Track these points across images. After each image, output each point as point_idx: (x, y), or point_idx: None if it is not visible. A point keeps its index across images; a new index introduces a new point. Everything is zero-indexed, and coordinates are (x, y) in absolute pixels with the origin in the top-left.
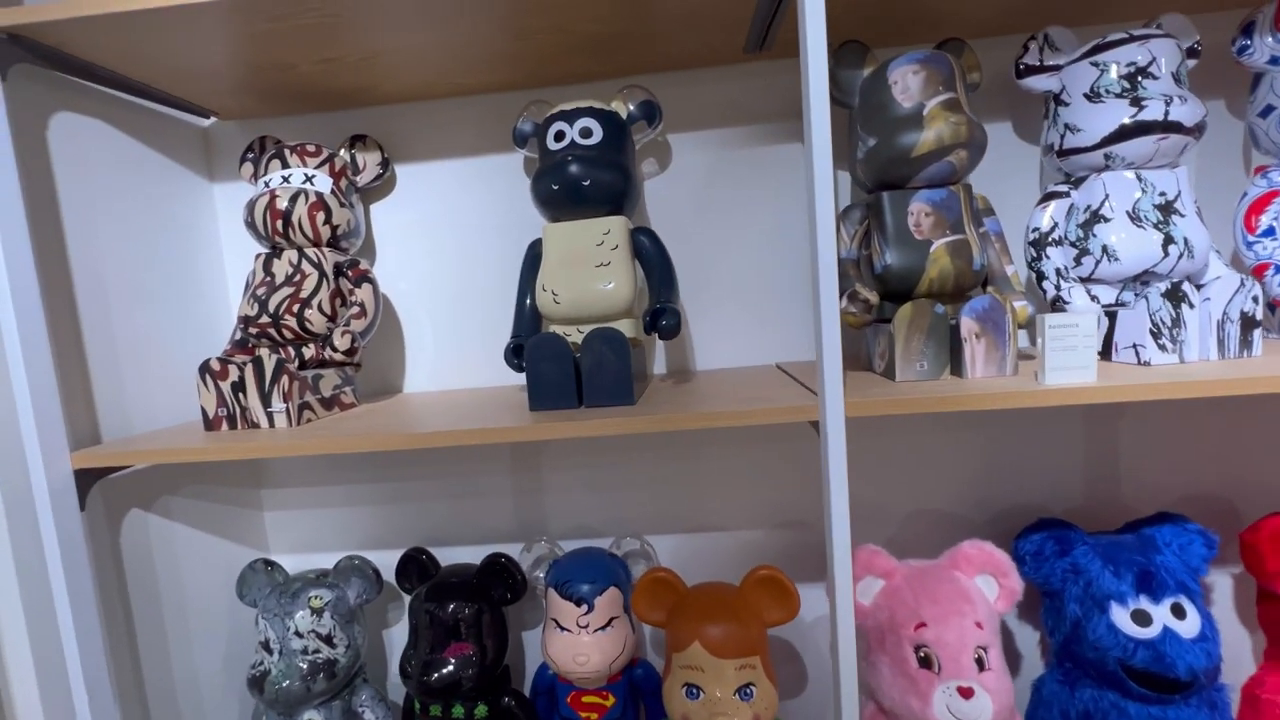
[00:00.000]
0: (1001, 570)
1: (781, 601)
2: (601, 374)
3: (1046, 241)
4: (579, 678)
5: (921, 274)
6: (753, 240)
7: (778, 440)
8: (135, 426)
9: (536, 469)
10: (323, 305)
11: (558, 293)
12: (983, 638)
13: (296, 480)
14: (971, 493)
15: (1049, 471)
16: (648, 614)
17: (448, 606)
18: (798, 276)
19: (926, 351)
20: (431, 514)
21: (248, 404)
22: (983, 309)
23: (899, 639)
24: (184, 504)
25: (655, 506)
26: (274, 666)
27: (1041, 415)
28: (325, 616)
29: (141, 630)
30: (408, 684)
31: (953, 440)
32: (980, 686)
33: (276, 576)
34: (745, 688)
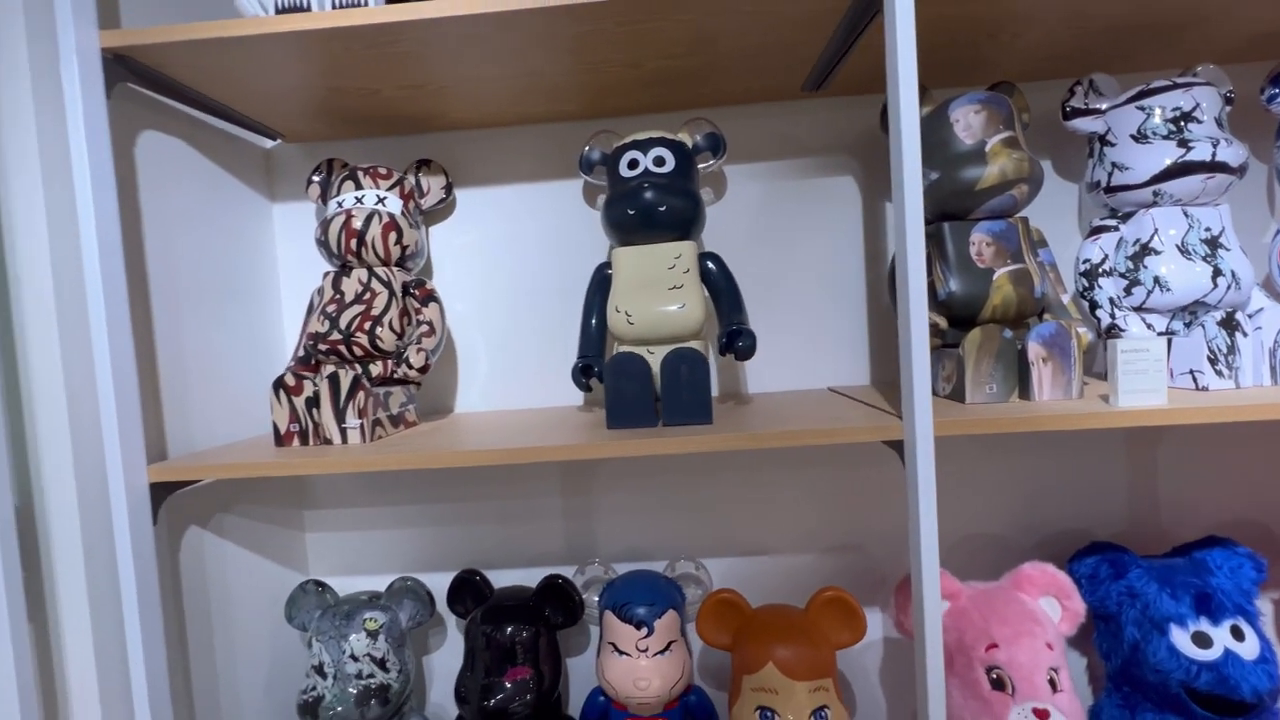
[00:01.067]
0: (1065, 592)
1: (849, 623)
2: (681, 393)
3: (1098, 272)
4: (638, 703)
5: (985, 301)
6: (804, 268)
7: (830, 464)
8: (197, 443)
9: (586, 491)
10: (393, 323)
11: (631, 314)
12: (1054, 659)
13: (339, 501)
14: (1017, 517)
15: (1092, 496)
16: (713, 636)
17: (505, 629)
18: (847, 303)
19: (995, 375)
20: (477, 537)
21: (321, 420)
22: (1050, 334)
23: (970, 660)
24: (235, 522)
25: (706, 529)
26: (327, 692)
27: (1084, 440)
28: (380, 639)
29: (193, 648)
30: (464, 709)
31: (998, 465)
32: (1055, 708)
33: (328, 598)
34: (819, 710)
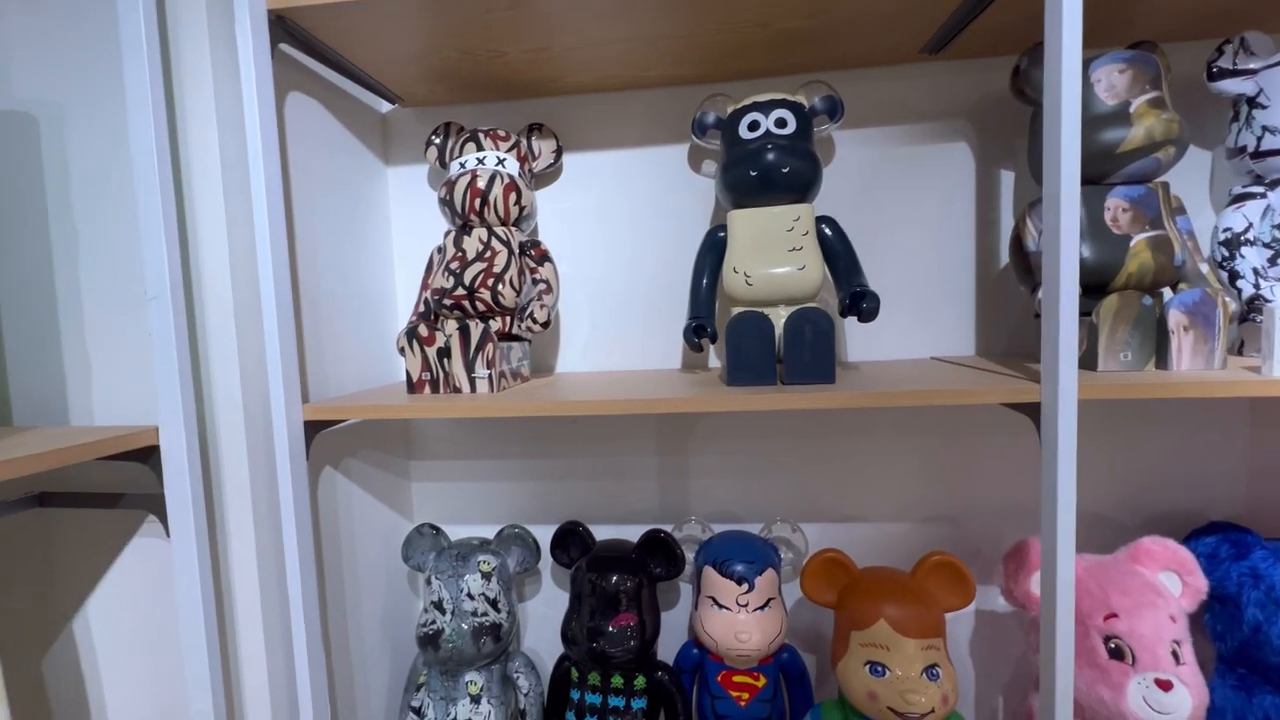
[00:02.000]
0: (1187, 568)
1: (957, 588)
2: (805, 353)
3: (1240, 241)
4: (737, 655)
5: (1119, 268)
6: (912, 235)
7: (927, 434)
8: (330, 391)
9: (682, 452)
10: (513, 280)
11: (750, 275)
12: (1177, 631)
13: (443, 453)
14: (1122, 496)
15: (1206, 478)
16: (818, 593)
17: (611, 578)
18: (954, 273)
19: (1131, 343)
20: (572, 492)
21: (451, 369)
22: (1193, 302)
23: (1086, 629)
24: (359, 467)
25: (798, 494)
26: (446, 626)
27: (1201, 418)
28: (493, 581)
29: (328, 579)
30: (571, 649)
31: (1104, 442)
32: (1178, 680)
33: (441, 541)
34: (931, 668)
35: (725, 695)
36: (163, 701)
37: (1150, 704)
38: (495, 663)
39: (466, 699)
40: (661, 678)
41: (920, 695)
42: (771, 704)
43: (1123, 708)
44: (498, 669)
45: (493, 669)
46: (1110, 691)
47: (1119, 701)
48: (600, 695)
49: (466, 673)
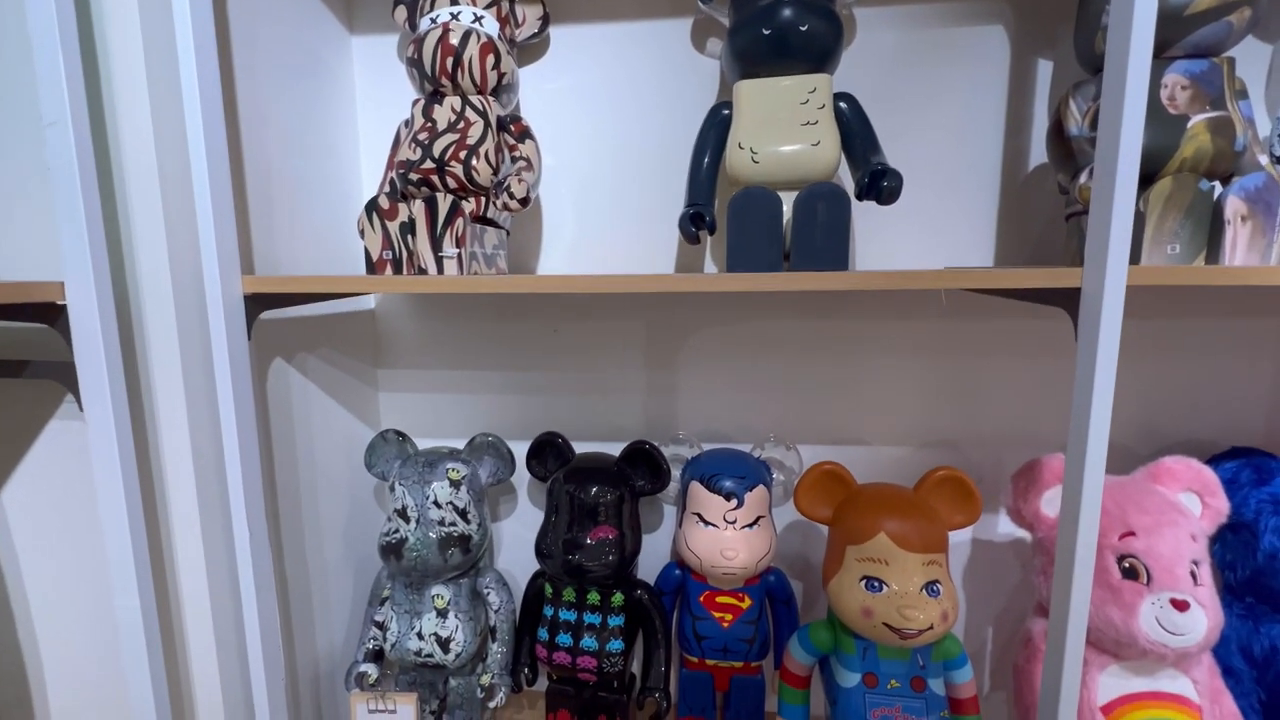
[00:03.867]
0: (1210, 489)
1: (962, 504)
2: (816, 235)
3: None
4: (722, 573)
5: (1173, 153)
6: (934, 133)
7: (930, 353)
8: (282, 270)
9: (671, 367)
10: (489, 155)
11: (757, 151)
12: (1197, 552)
13: (414, 362)
14: (1135, 424)
15: (1225, 406)
16: (814, 508)
17: (590, 489)
18: (979, 175)
19: (1181, 233)
20: (554, 407)
21: (416, 247)
22: (1256, 188)
23: (1099, 549)
24: (319, 367)
25: (793, 415)
26: (411, 534)
27: (1226, 342)
28: (462, 490)
29: (280, 477)
30: (546, 563)
31: (1120, 367)
32: (1195, 600)
33: (408, 448)
34: (932, 584)
35: (708, 616)
36: (91, 603)
37: (1164, 624)
38: (464, 577)
39: (432, 613)
40: (640, 596)
41: (919, 611)
42: (756, 626)
43: (1133, 629)
44: (466, 583)
45: (461, 583)
46: (1121, 612)
47: (1130, 622)
48: (575, 611)
49: (433, 586)
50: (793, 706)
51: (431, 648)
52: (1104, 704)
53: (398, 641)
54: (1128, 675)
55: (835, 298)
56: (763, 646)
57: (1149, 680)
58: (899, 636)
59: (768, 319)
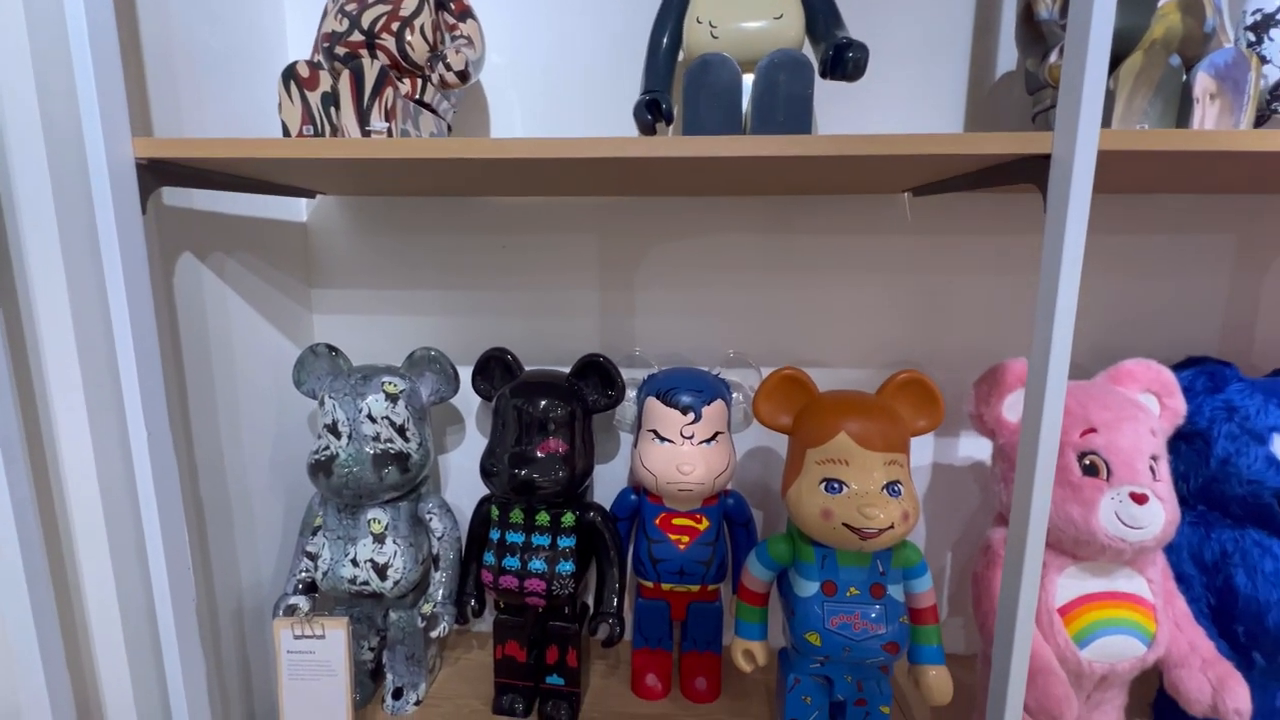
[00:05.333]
0: (1168, 389)
1: (925, 408)
2: (778, 107)
3: (1272, 23)
4: (679, 490)
5: (1143, 34)
6: (904, 33)
7: (892, 270)
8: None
9: (628, 285)
10: (425, 31)
11: (716, 25)
12: (1155, 447)
13: (351, 280)
14: (1087, 340)
15: (1184, 322)
16: (774, 415)
17: (539, 403)
18: (948, 85)
19: (1151, 111)
20: (504, 329)
21: (340, 121)
22: (1225, 64)
23: (1060, 448)
24: (236, 271)
25: (754, 336)
26: (342, 450)
27: (1180, 261)
28: (400, 405)
29: (194, 395)
30: (492, 482)
31: (1080, 283)
32: (1154, 494)
33: (341, 364)
34: (893, 484)
35: (664, 539)
36: None
37: (1122, 518)
38: (403, 500)
39: (368, 538)
40: (593, 516)
41: (879, 510)
42: (713, 548)
43: (1093, 525)
44: (407, 507)
45: (400, 507)
46: (1081, 509)
47: (1089, 519)
48: (523, 533)
49: (368, 510)
50: (750, 625)
51: (367, 575)
52: (1061, 605)
53: (330, 569)
54: (1085, 576)
55: (797, 208)
56: (720, 569)
57: (1106, 581)
58: (859, 537)
59: (728, 232)
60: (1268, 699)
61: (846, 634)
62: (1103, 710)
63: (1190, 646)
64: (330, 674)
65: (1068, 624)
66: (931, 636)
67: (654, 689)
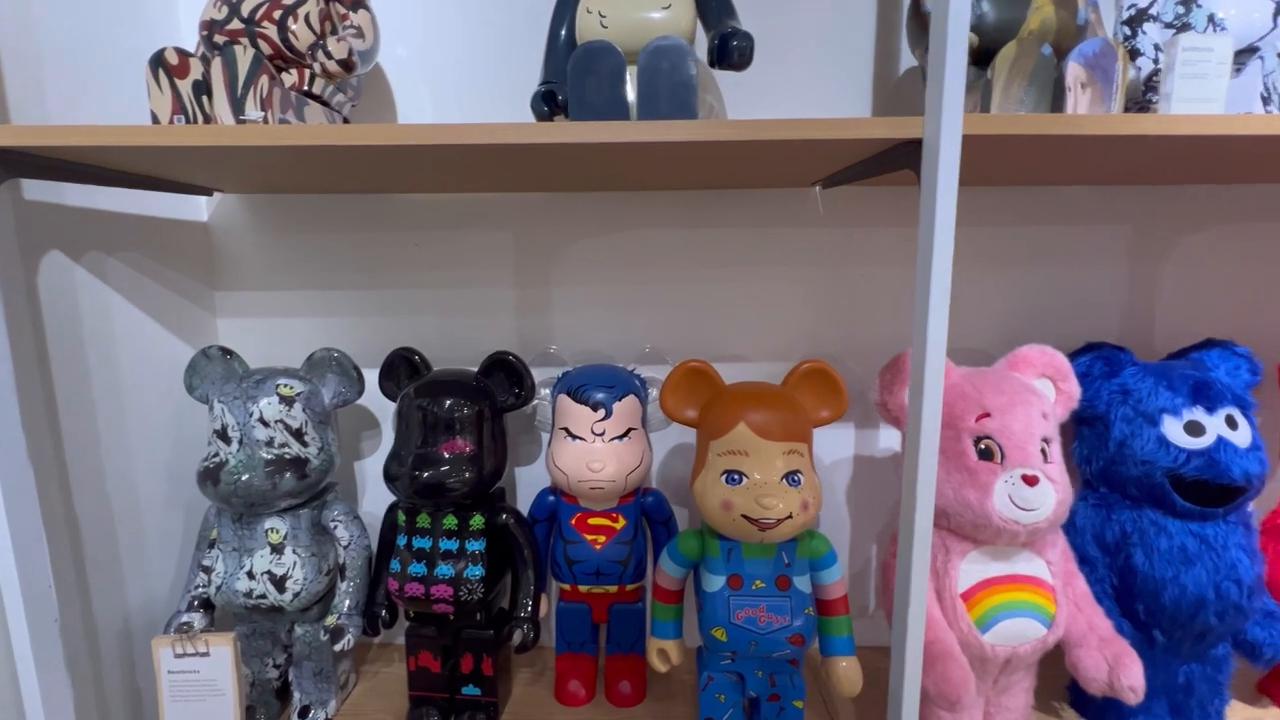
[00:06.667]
0: (1062, 373)
1: (828, 397)
2: (661, 97)
3: (1144, 17)
4: (591, 488)
5: (1020, 25)
6: (808, 30)
7: (807, 263)
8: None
9: (545, 282)
10: (310, 19)
11: (605, 15)
12: (1047, 429)
13: (258, 282)
14: (999, 331)
15: (1083, 312)
16: (679, 408)
17: (444, 403)
18: (852, 79)
19: (1026, 100)
20: (419, 328)
21: (213, 111)
22: (1094, 53)
23: (957, 433)
24: (122, 272)
25: (672, 331)
26: (231, 457)
27: (1080, 252)
28: (296, 408)
29: (63, 396)
30: (395, 486)
31: (980, 278)
32: (1044, 476)
33: (236, 366)
34: (793, 474)
35: (579, 539)
36: None
37: (1015, 500)
38: (304, 508)
39: (265, 549)
40: (504, 519)
41: (777, 499)
42: (630, 547)
43: (988, 508)
44: (308, 515)
45: (300, 515)
46: (977, 493)
47: (985, 502)
48: (430, 539)
49: (265, 519)
50: (664, 623)
51: (264, 587)
52: (964, 591)
53: (224, 583)
54: (986, 561)
55: (713, 203)
56: (638, 568)
57: (1006, 564)
58: (758, 528)
59: (645, 228)
60: (1171, 675)
61: (752, 628)
62: (1011, 693)
63: (1088, 626)
64: (217, 694)
65: (970, 609)
66: (842, 628)
67: (577, 695)
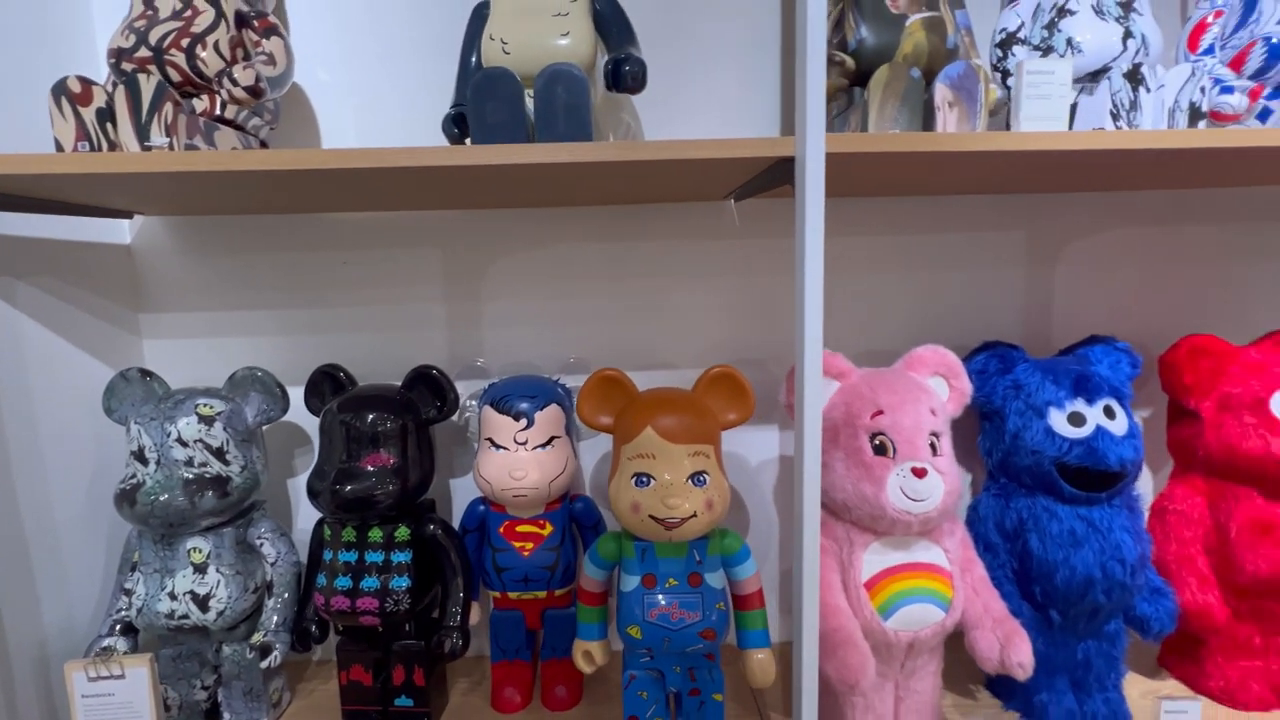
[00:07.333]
0: (953, 371)
1: (737, 400)
2: (559, 119)
3: (1014, 40)
4: (515, 497)
5: (895, 49)
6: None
7: (733, 274)
8: None
9: (474, 297)
10: (220, 47)
11: (507, 41)
12: (936, 424)
13: (184, 303)
14: (910, 332)
15: (987, 312)
16: (594, 416)
17: (366, 417)
18: (761, 48)
19: (900, 119)
20: (349, 346)
21: (118, 138)
22: (958, 75)
23: (855, 430)
24: (36, 297)
25: (600, 343)
26: (149, 478)
27: (983, 255)
28: (217, 427)
29: None
30: (316, 502)
31: (892, 280)
32: (933, 468)
33: (155, 387)
34: (698, 475)
35: (508, 547)
36: None
37: (906, 492)
38: (228, 526)
39: (188, 569)
40: (430, 530)
41: (681, 500)
42: (558, 552)
43: (882, 500)
44: (232, 534)
45: (224, 533)
46: (872, 486)
47: (879, 495)
48: (356, 552)
49: (187, 539)
50: (589, 625)
51: (186, 607)
52: (867, 580)
53: (145, 605)
54: (887, 551)
55: (636, 217)
56: (566, 573)
57: (906, 553)
58: (664, 528)
59: (571, 242)
60: (1070, 652)
61: (665, 624)
62: (918, 677)
63: (984, 609)
64: (134, 716)
65: (873, 597)
66: (757, 621)
67: (512, 701)
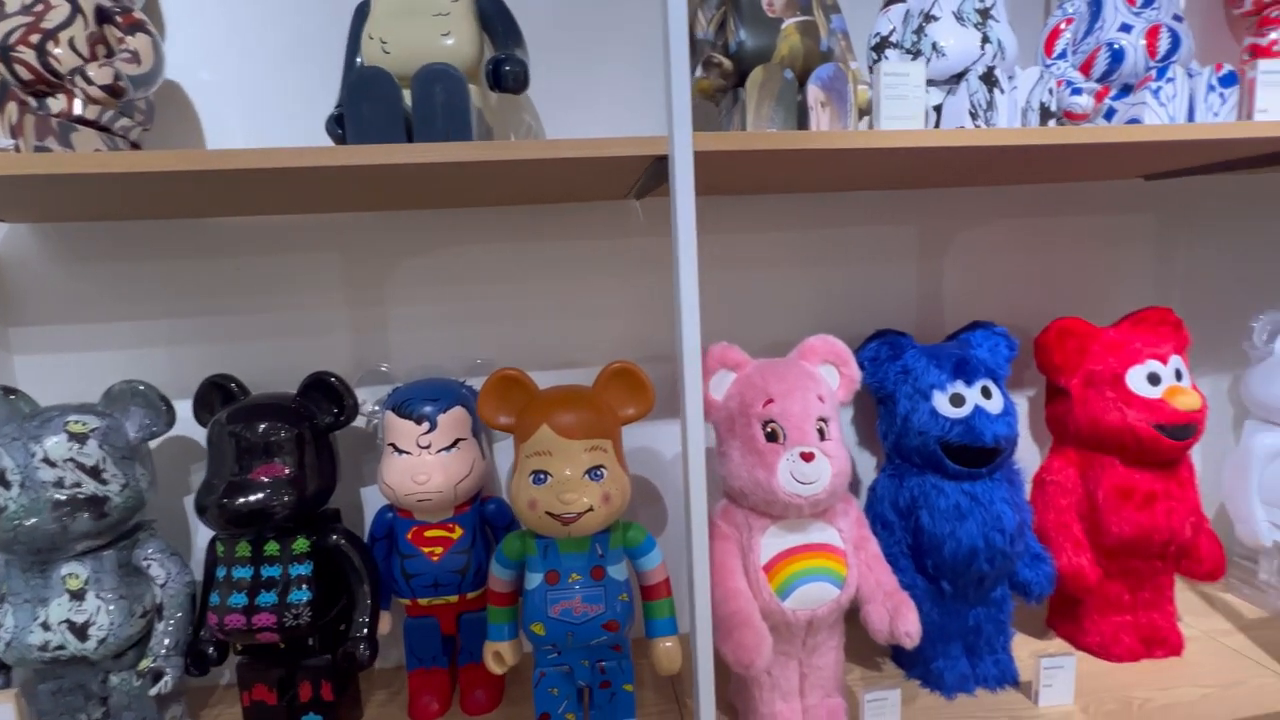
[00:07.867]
0: (842, 359)
1: (636, 395)
2: (438, 118)
3: (886, 45)
4: (420, 501)
5: (773, 51)
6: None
7: (633, 269)
8: None
9: (379, 303)
10: (75, 43)
11: (387, 41)
12: (824, 410)
13: (58, 316)
14: (811, 323)
15: (884, 301)
16: (495, 416)
17: (257, 427)
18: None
19: (776, 118)
20: (243, 356)
21: None
22: (828, 76)
23: (748, 419)
24: None
25: (509, 343)
26: (13, 502)
27: (878, 251)
28: (91, 445)
29: None
30: (206, 518)
31: (794, 273)
32: (820, 452)
33: (21, 406)
34: (595, 469)
35: (416, 553)
36: None
37: (795, 476)
38: (109, 549)
39: (63, 596)
40: (332, 539)
41: (576, 494)
42: (469, 555)
43: (773, 485)
44: (114, 556)
45: (104, 556)
46: (765, 472)
47: (771, 480)
48: (251, 567)
49: (62, 564)
50: (498, 625)
51: (62, 637)
52: (765, 563)
53: (14, 638)
54: (784, 533)
55: (540, 216)
56: (478, 576)
57: (801, 535)
58: (560, 523)
59: (477, 243)
60: (962, 620)
61: (568, 619)
62: (820, 653)
63: (876, 584)
64: None
65: (771, 579)
66: (663, 610)
67: (429, 708)
